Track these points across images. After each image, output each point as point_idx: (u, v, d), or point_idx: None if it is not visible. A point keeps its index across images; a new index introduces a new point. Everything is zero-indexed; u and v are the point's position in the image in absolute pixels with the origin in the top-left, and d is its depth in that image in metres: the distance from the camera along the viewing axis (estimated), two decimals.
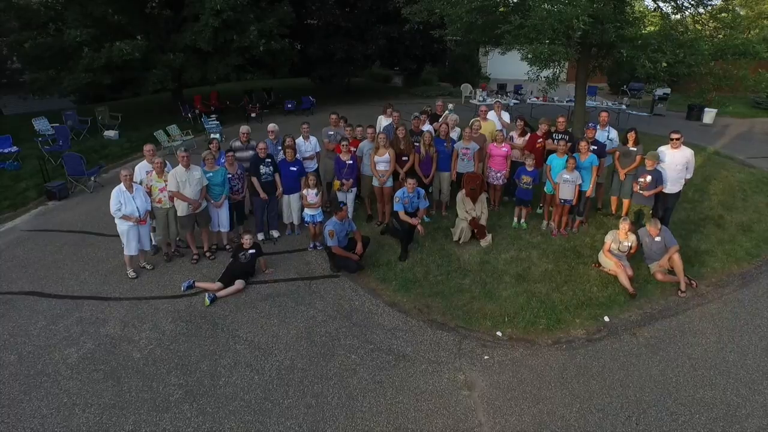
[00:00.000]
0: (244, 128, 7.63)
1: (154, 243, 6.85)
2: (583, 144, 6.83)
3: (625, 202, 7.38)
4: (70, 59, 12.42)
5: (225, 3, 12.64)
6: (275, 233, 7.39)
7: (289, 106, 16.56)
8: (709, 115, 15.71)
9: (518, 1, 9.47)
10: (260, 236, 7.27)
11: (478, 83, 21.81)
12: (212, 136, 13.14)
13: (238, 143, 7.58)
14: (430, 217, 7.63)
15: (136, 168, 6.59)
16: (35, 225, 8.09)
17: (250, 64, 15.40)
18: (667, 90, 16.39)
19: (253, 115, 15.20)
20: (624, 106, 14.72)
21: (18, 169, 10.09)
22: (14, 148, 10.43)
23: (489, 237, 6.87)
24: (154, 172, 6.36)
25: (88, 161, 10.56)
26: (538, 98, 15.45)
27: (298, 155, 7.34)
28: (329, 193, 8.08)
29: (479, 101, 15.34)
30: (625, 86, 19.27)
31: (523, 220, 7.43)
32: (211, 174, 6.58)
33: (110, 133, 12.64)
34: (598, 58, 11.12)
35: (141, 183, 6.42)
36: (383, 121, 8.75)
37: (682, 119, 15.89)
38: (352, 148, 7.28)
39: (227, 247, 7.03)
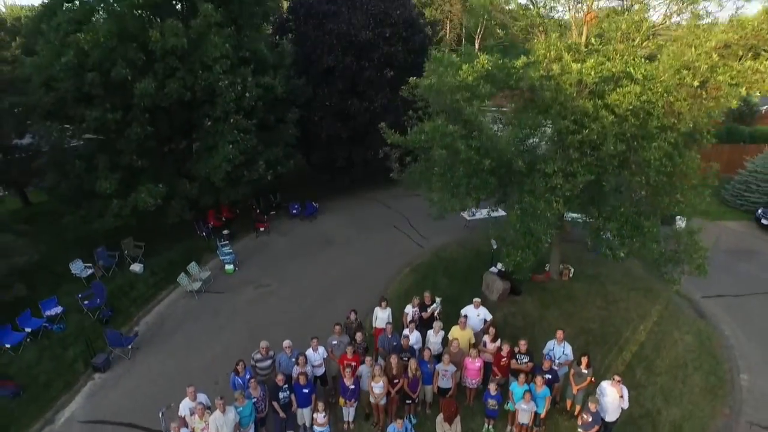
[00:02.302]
0: (263, 343, 9.24)
1: None
2: (538, 379, 8.46)
3: (577, 407, 9.11)
4: (98, 201, 13.90)
5: (236, 150, 14.09)
6: None
7: (294, 210, 18.07)
8: (680, 222, 17.14)
9: None
10: None
11: None
12: (227, 267, 14.75)
13: (259, 355, 9.20)
14: (416, 417, 9.29)
15: (181, 405, 8.24)
16: (88, 413, 9.74)
17: None
18: None
19: (261, 229, 16.72)
20: None
21: (64, 331, 11.67)
22: (59, 309, 11.98)
23: None
24: (196, 416, 8.01)
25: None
26: None
27: (308, 366, 8.98)
28: (333, 388, 9.73)
29: (469, 216, 16.84)
30: None
31: (491, 426, 9.12)
32: (241, 408, 8.23)
33: (136, 267, 14.19)
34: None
35: (185, 418, 8.10)
36: (379, 313, 10.35)
37: None
38: (354, 364, 8.88)
39: None
